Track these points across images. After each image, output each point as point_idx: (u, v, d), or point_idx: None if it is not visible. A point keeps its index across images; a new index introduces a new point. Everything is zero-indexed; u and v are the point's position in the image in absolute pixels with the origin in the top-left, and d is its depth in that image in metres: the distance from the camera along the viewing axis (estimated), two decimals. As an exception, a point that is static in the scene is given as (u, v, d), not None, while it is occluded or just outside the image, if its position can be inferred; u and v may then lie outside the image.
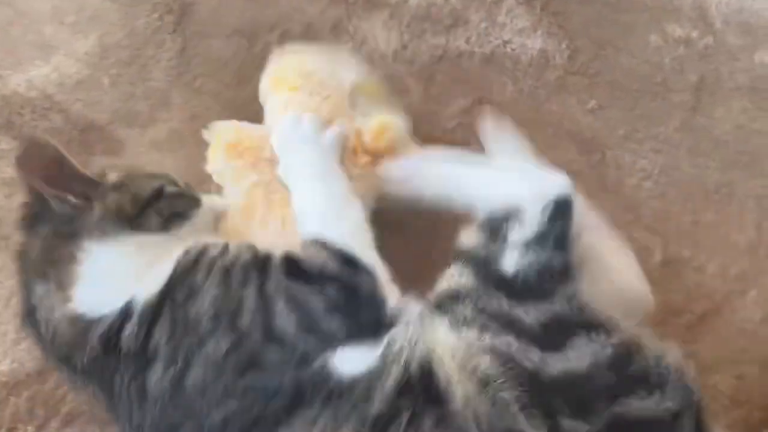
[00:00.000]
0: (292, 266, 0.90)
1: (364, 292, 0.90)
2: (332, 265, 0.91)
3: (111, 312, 0.87)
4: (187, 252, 0.92)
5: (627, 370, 0.81)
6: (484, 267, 0.88)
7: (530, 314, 0.83)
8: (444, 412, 0.78)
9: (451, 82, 1.39)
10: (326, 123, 1.07)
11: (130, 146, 1.27)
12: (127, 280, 0.89)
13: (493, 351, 0.80)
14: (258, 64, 1.33)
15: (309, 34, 1.42)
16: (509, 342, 0.81)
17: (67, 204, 0.91)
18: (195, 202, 1.01)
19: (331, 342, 0.85)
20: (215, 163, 1.10)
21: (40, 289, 0.90)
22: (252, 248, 0.93)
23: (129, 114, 1.31)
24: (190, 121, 1.30)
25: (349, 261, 0.91)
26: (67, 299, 0.89)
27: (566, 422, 0.76)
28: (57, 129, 1.27)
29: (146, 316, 0.86)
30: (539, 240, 0.88)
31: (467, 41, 1.43)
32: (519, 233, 0.88)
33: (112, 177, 0.96)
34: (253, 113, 1.21)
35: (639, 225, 1.30)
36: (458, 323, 0.84)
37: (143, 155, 1.26)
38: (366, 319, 0.88)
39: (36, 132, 1.27)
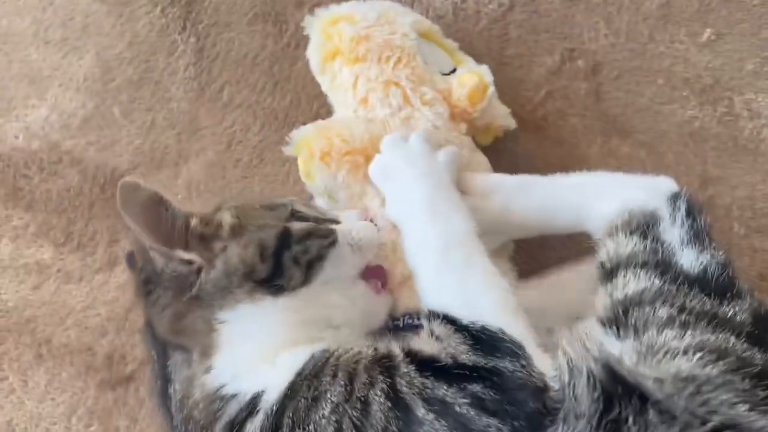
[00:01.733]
0: (422, 360, 0.74)
1: (514, 380, 0.72)
2: (466, 353, 0.73)
3: (243, 395, 0.76)
4: (325, 350, 0.78)
5: None
6: (666, 268, 0.78)
7: (737, 312, 0.75)
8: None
9: (529, 35, 1.13)
10: (411, 92, 0.93)
11: (164, 194, 1.05)
12: (266, 353, 0.78)
13: (712, 347, 0.70)
14: (294, 54, 1.09)
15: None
16: (728, 339, 0.72)
17: (177, 262, 0.77)
18: (330, 236, 0.83)
19: None
20: (316, 183, 0.91)
21: (177, 357, 0.79)
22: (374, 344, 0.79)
23: (153, 151, 1.09)
24: (227, 148, 1.08)
25: (485, 342, 0.74)
26: (207, 369, 0.77)
27: None
28: (74, 189, 1.07)
29: (269, 421, 0.74)
30: (697, 237, 0.80)
31: (541, -25, 1.15)
32: (674, 233, 0.81)
33: (226, 218, 0.80)
34: (306, 117, 1.06)
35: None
36: (650, 326, 0.73)
37: (183, 206, 1.04)
38: (525, 411, 0.70)
39: (51, 198, 1.05)
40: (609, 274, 0.79)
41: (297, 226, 0.82)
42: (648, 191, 0.84)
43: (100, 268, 1.05)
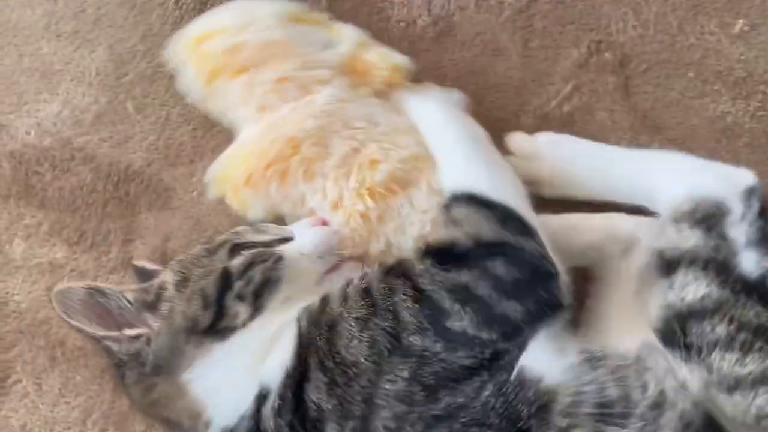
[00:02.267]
0: (443, 253, 0.76)
1: (534, 259, 0.76)
2: (489, 228, 0.77)
3: (246, 411, 0.77)
4: (306, 308, 0.79)
5: None
6: (727, 272, 0.75)
7: None
8: None
9: (555, 26, 1.10)
10: (304, 80, 0.90)
11: (180, 192, 1.03)
12: (246, 379, 0.78)
13: None
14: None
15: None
16: None
17: (127, 341, 0.78)
18: (272, 257, 0.82)
19: (515, 332, 0.74)
20: (255, 210, 0.90)
21: None
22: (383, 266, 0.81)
23: (168, 148, 1.06)
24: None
25: (510, 218, 0.78)
26: (207, 427, 0.78)
27: None
28: (87, 187, 1.04)
29: (288, 386, 0.75)
30: (765, 239, 0.78)
31: (567, -38, 1.11)
32: (741, 230, 0.78)
33: (168, 278, 0.80)
34: None
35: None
36: (711, 347, 0.71)
37: (199, 203, 1.02)
38: (543, 295, 0.75)
39: (64, 196, 1.02)
40: (667, 267, 0.77)
41: (236, 262, 0.81)
42: (722, 181, 0.82)
43: (115, 267, 1.02)
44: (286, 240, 0.86)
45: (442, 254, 0.76)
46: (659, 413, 0.70)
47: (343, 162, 0.88)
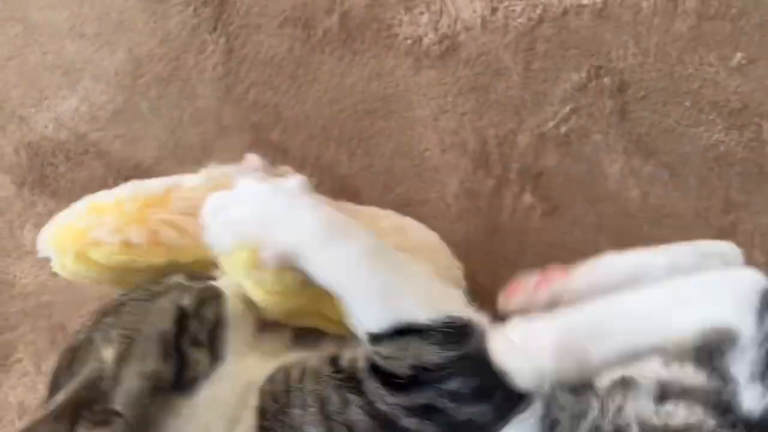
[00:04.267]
0: (388, 378, 0.70)
1: (486, 360, 0.70)
2: (433, 353, 0.70)
3: None
4: (271, 380, 0.74)
5: None
6: (725, 411, 0.70)
7: None
8: None
9: (557, 50, 1.13)
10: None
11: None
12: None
13: None
14: (319, 59, 1.11)
15: (375, 7, 1.15)
16: None
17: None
18: (215, 293, 0.76)
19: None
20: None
21: None
22: (324, 357, 0.74)
23: (178, 147, 1.11)
24: (250, 147, 1.08)
25: (447, 330, 0.71)
26: None
27: None
28: (99, 180, 1.08)
29: None
30: None
31: (572, -9, 1.14)
32: (743, 360, 0.71)
33: (106, 354, 0.70)
34: (326, 120, 1.08)
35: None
36: None
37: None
38: (507, 389, 0.70)
39: (75, 188, 1.07)
40: (660, 396, 0.71)
41: (186, 299, 0.73)
42: (730, 297, 0.73)
43: (117, 257, 1.06)
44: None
45: (386, 376, 0.70)
46: None
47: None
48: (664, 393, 0.71)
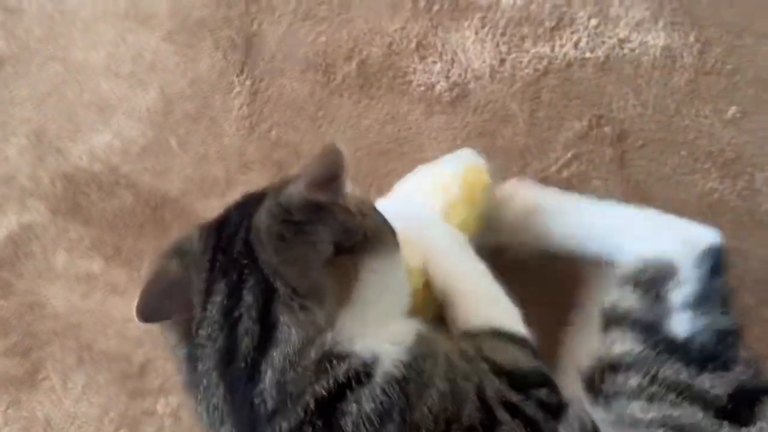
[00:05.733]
0: (495, 365, 0.78)
1: (551, 380, 0.81)
2: (523, 360, 0.81)
3: (356, 358, 0.71)
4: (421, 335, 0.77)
5: None
6: (653, 332, 0.79)
7: (715, 384, 0.75)
8: None
9: (561, 100, 1.20)
10: None
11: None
12: (386, 315, 0.76)
13: (674, 424, 0.72)
14: (338, 102, 1.18)
15: (391, 55, 1.23)
16: (695, 413, 0.73)
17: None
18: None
19: None
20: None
21: (295, 318, 0.70)
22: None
23: (203, 181, 1.17)
24: (271, 181, 1.15)
25: (530, 347, 0.82)
26: (332, 326, 0.71)
27: None
28: (128, 209, 1.15)
29: (383, 401, 0.70)
30: (705, 300, 0.80)
31: (576, 45, 1.22)
32: (679, 292, 0.81)
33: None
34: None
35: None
36: (620, 396, 0.75)
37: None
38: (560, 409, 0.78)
39: (106, 216, 1.14)
40: (605, 324, 0.81)
41: None
42: (679, 242, 0.84)
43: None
44: None
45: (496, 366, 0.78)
46: None
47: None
48: (606, 321, 0.81)
